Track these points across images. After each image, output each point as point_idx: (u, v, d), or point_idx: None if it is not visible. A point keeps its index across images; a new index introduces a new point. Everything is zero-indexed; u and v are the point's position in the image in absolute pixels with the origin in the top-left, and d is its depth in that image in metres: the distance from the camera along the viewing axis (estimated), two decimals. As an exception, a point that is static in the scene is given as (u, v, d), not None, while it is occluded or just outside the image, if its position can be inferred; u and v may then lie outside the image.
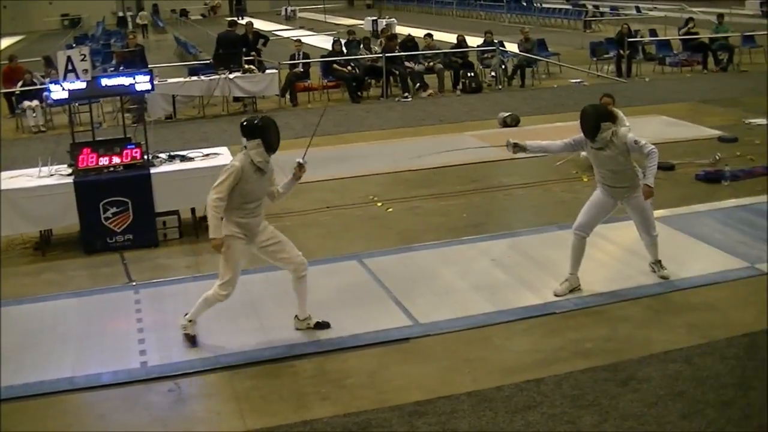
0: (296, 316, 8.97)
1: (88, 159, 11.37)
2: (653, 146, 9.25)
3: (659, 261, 10.00)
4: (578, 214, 9.60)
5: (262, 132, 8.29)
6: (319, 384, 7.77)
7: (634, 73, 25.89)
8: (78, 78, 11.47)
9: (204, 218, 12.05)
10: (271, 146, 8.36)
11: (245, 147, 8.29)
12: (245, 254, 8.57)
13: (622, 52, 25.80)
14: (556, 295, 9.52)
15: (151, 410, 7.50)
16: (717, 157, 14.50)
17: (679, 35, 27.87)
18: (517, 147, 9.58)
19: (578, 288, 9.61)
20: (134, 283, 10.34)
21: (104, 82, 11.73)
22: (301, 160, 8.78)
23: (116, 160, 11.47)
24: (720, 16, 28.28)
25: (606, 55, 26.85)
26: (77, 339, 8.84)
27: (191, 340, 8.69)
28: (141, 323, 9.23)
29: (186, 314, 8.76)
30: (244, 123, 8.39)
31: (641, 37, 28.36)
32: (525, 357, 8.18)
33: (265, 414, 7.32)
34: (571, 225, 10.86)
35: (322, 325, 8.93)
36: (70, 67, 11.47)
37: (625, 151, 9.25)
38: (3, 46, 41.57)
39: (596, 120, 9.16)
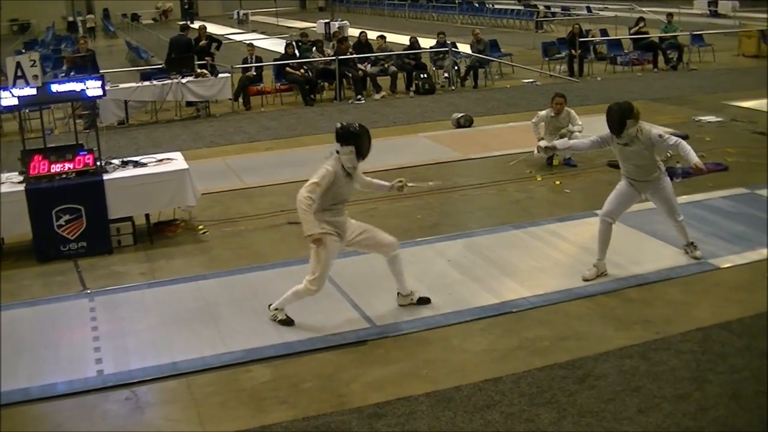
0: (398, 293, 9.33)
1: (40, 166, 11.25)
2: (676, 137, 9.74)
3: (692, 243, 10.38)
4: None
5: (357, 139, 8.58)
6: (277, 388, 7.75)
7: (585, 73, 26.11)
8: (28, 84, 11.32)
9: (158, 224, 12.06)
10: (362, 153, 8.65)
11: (337, 152, 8.60)
12: (336, 251, 8.85)
13: (573, 51, 25.99)
14: (585, 280, 9.77)
15: (108, 419, 7.43)
16: (669, 155, 14.62)
17: (630, 35, 28.13)
18: (548, 149, 9.74)
19: (605, 273, 9.88)
20: (89, 291, 10.23)
21: (55, 88, 11.57)
22: (404, 182, 9.44)
23: (68, 166, 11.36)
24: (669, 15, 28.59)
25: (558, 55, 27.06)
26: (32, 349, 8.72)
27: (288, 323, 8.99)
28: (96, 331, 9.13)
29: (270, 305, 9.10)
30: (340, 130, 8.65)
31: (592, 37, 28.60)
32: (482, 356, 8.21)
33: (224, 420, 7.28)
34: (526, 224, 11.00)
35: (424, 301, 9.35)
36: (19, 73, 11.32)
37: (650, 146, 9.63)
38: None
39: (621, 117, 9.48)
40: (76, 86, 11.58)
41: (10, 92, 11.27)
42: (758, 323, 8.57)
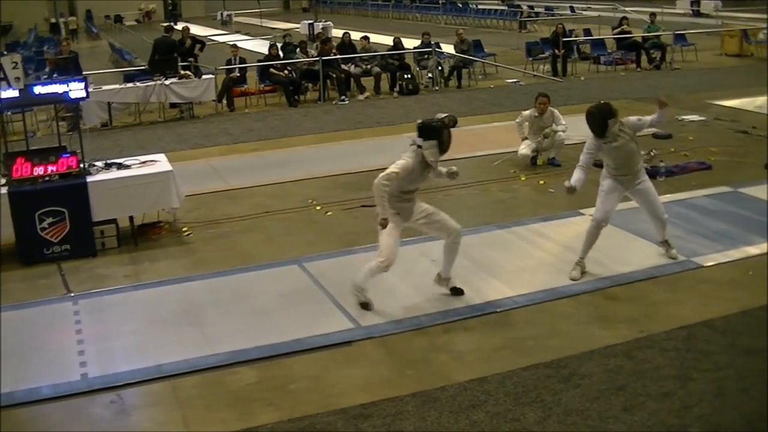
0: (439, 273, 9.74)
1: (23, 169, 11.19)
2: (646, 118, 9.96)
3: (666, 241, 10.42)
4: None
5: (438, 134, 8.98)
6: (263, 390, 7.74)
7: (569, 73, 26.17)
8: (10, 86, 11.29)
9: (142, 226, 12.04)
10: (444, 148, 9.06)
11: (419, 146, 8.98)
12: (400, 231, 9.30)
13: (557, 51, 26.03)
14: (573, 280, 9.82)
15: (93, 423, 7.41)
16: (652, 154, 14.69)
17: (613, 34, 28.21)
18: (571, 190, 9.80)
19: (585, 270, 10.01)
20: (73, 294, 10.19)
21: (37, 90, 11.52)
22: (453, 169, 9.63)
23: (51, 169, 11.31)
24: (652, 15, 28.70)
25: (541, 55, 27.09)
26: (16, 353, 8.66)
27: (365, 306, 9.32)
28: (80, 335, 9.09)
29: (354, 285, 9.42)
30: (422, 125, 9.12)
31: (576, 36, 28.65)
32: (467, 356, 8.22)
33: (210, 422, 7.27)
34: (510, 224, 11.05)
35: (458, 291, 9.64)
36: (1, 75, 11.28)
37: (634, 134, 9.79)
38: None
39: (603, 119, 9.58)
40: (58, 88, 11.55)
41: (-7, 94, 11.23)
42: (742, 321, 8.62)
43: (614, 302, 9.30)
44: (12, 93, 11.27)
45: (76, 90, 11.53)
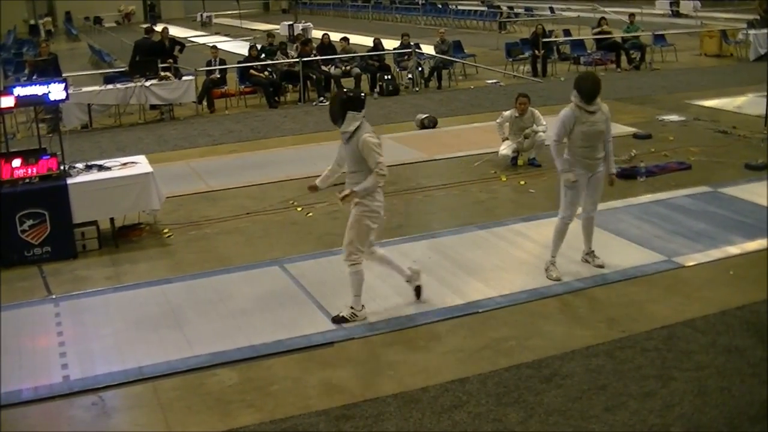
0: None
1: (3, 171, 11.13)
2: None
3: (593, 251, 10.32)
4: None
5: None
6: (243, 391, 7.73)
7: (549, 73, 26.22)
8: (-11, 89, 11.23)
9: (123, 228, 12.02)
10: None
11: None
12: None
13: (537, 52, 26.08)
14: (557, 280, 9.81)
15: (74, 425, 7.37)
16: (632, 154, 14.75)
17: (592, 35, 28.27)
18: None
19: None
20: (54, 296, 10.15)
21: (17, 91, 11.49)
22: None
23: (32, 171, 11.27)
24: (631, 15, 28.81)
25: (521, 56, 27.12)
26: (-4, 355, 8.65)
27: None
28: (62, 336, 9.06)
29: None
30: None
31: (555, 37, 28.71)
32: (449, 357, 8.23)
33: (191, 424, 7.25)
34: (490, 224, 10.99)
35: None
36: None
37: (608, 120, 9.85)
38: None
39: (596, 85, 9.78)
40: (38, 90, 11.50)
41: (-29, 97, 11.16)
42: (722, 320, 8.65)
43: (595, 302, 9.32)
44: (-9, 95, 11.20)
45: (56, 92, 11.49)
